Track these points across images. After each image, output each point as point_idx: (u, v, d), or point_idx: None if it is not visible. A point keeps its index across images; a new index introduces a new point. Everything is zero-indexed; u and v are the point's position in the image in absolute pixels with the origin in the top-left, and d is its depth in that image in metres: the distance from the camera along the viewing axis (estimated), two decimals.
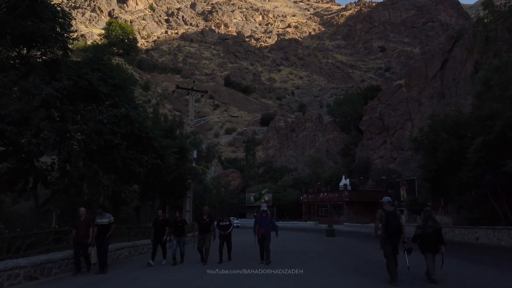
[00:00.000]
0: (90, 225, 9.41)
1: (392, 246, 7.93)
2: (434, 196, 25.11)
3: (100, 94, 11.83)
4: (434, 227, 8.22)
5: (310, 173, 62.97)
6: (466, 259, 13.71)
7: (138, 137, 12.24)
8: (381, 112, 56.59)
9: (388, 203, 8.19)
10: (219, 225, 11.77)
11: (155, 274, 9.77)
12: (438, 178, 22.83)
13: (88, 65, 12.02)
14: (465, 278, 9.14)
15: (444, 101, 48.18)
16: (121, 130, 11.08)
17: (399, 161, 51.42)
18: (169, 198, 21.14)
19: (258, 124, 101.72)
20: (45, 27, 10.46)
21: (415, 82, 53.63)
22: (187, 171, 20.52)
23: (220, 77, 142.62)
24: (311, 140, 75.20)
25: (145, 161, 12.06)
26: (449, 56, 51.49)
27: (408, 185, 36.60)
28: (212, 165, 78.76)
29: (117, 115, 11.04)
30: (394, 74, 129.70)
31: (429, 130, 23.40)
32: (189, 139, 22.55)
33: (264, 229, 10.99)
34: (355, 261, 12.25)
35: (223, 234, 11.64)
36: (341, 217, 48.12)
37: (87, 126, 10.39)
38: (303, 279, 8.83)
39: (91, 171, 10.85)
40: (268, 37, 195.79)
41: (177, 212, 12.19)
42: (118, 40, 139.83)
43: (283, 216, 57.17)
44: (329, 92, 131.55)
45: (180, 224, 11.72)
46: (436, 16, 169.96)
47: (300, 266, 10.82)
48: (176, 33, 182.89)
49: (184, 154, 19.33)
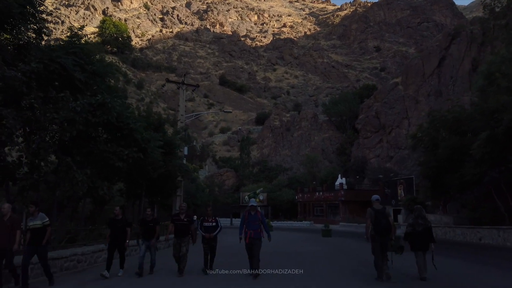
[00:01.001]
0: (17, 227, 7.34)
1: (381, 243, 8.03)
2: (434, 195, 24.21)
3: (76, 81, 10.72)
4: (424, 225, 8.25)
5: (305, 173, 62.08)
6: (468, 259, 12.94)
7: (118, 129, 11.13)
8: (377, 111, 55.80)
9: (377, 201, 8.30)
10: (203, 226, 9.46)
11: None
12: (439, 176, 21.93)
13: (63, 49, 10.91)
14: (461, 278, 8.84)
15: (441, 99, 47.48)
16: (97, 120, 9.96)
17: (396, 160, 50.64)
18: (157, 197, 20.02)
19: (253, 123, 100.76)
20: (11, 2, 9.33)
21: (412, 80, 52.89)
22: (176, 168, 19.42)
23: (215, 76, 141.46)
24: (307, 139, 74.35)
25: (125, 154, 10.91)
26: (447, 54, 50.82)
27: (406, 184, 35.73)
28: (207, 164, 77.62)
29: (92, 103, 9.94)
30: (389, 74, 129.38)
31: (429, 127, 22.50)
32: (179, 135, 21.46)
33: (253, 231, 8.66)
34: (352, 262, 11.40)
35: (207, 237, 9.35)
36: (337, 216, 47.19)
37: (58, 115, 9.28)
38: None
39: (63, 165, 9.74)
40: (263, 37, 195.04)
41: (147, 209, 9.85)
42: (112, 38, 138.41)
43: (278, 216, 56.19)
44: (325, 92, 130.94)
45: (151, 224, 9.41)
46: (431, 16, 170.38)
47: (297, 266, 9.93)
48: (171, 32, 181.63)
49: (172, 150, 18.24)
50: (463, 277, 9.06)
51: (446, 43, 51.84)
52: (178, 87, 23.44)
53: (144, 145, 11.84)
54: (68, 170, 9.72)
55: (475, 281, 8.57)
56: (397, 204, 36.34)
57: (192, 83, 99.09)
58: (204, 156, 78.23)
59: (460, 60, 49.36)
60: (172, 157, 18.17)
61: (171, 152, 18.21)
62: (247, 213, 8.95)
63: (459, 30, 51.70)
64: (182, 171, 20.38)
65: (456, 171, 20.07)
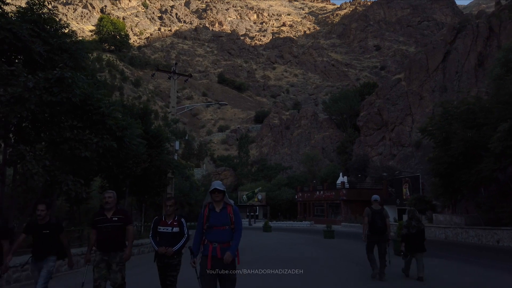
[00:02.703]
0: None
1: (375, 242, 8.27)
2: (445, 193, 22.39)
3: (35, 54, 8.95)
4: (417, 227, 8.31)
5: (305, 171, 60.36)
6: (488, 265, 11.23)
7: (86, 113, 9.36)
8: (379, 107, 54.05)
9: (376, 202, 8.43)
10: (158, 231, 5.44)
11: None
12: (451, 173, 20.15)
13: (21, 16, 9.14)
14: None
15: (446, 95, 45.75)
16: (54, 99, 8.16)
17: (399, 158, 48.89)
18: (143, 195, 18.23)
19: (252, 122, 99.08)
20: None
21: (415, 75, 51.13)
22: (165, 164, 17.65)
23: (213, 74, 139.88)
24: (306, 137, 72.67)
25: (93, 143, 9.13)
26: (451, 48, 49.07)
27: (411, 182, 33.93)
28: (204, 163, 75.86)
29: (49, 78, 8.16)
30: (389, 73, 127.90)
31: (441, 119, 20.70)
32: (170, 128, 19.68)
33: (219, 243, 4.41)
34: (365, 272, 9.59)
35: (161, 252, 5.26)
36: (338, 216, 45.45)
37: (5, 91, 7.52)
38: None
39: (15, 155, 7.98)
40: (262, 36, 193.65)
41: (39, 205, 5.43)
42: (110, 36, 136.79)
43: (277, 216, 54.44)
44: (324, 90, 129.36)
45: (47, 232, 5.38)
46: (431, 15, 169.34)
47: (298, 282, 8.08)
48: (169, 31, 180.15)
49: (160, 143, 16.46)
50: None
51: (451, 37, 50.11)
52: (169, 76, 21.67)
53: (119, 133, 10.05)
54: (21, 160, 7.98)
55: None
56: (402, 203, 34.58)
57: (191, 81, 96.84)
58: (201, 154, 76.45)
59: (465, 55, 47.62)
60: (159, 151, 16.39)
61: (159, 146, 16.44)
62: (206, 210, 4.57)
63: (464, 24, 49.97)
64: (172, 167, 18.62)
65: (471, 167, 18.33)
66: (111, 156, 12.05)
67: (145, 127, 15.02)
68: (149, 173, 16.73)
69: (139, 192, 17.31)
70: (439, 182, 21.80)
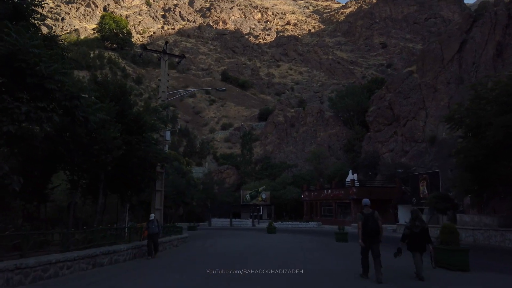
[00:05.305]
0: None
1: (371, 247, 8.44)
2: (477, 190, 19.44)
3: None
4: (421, 226, 8.65)
5: (311, 169, 57.47)
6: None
7: (16, 73, 6.65)
8: (390, 101, 51.04)
9: (366, 206, 8.68)
10: None
11: None
12: (485, 166, 17.25)
13: None
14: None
15: (462, 87, 42.71)
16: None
17: (412, 154, 45.87)
18: (126, 192, 15.50)
19: (256, 120, 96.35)
20: None
21: (429, 66, 48.07)
22: (151, 155, 14.93)
23: (217, 72, 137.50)
24: (312, 135, 69.78)
25: (22, 113, 6.41)
26: (468, 37, 45.98)
27: (430, 179, 30.89)
28: (206, 161, 73.24)
29: None
30: (395, 70, 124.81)
31: (472, 104, 17.78)
32: (158, 114, 16.93)
33: None
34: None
35: None
36: (348, 217, 42.50)
37: None
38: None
39: None
40: (267, 34, 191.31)
41: None
42: (112, 34, 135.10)
43: (282, 216, 51.58)
44: (330, 88, 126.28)
45: None
46: (438, 12, 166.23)
47: None
48: (172, 29, 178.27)
49: (141, 128, 13.73)
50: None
51: (467, 25, 47.02)
52: (159, 57, 19.02)
53: (66, 102, 7.32)
54: None
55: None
56: (419, 202, 31.61)
57: (194, 79, 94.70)
58: (203, 153, 73.84)
59: (483, 44, 44.53)
60: (141, 139, 13.66)
61: (140, 132, 13.73)
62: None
63: (481, 12, 46.85)
64: (160, 159, 15.92)
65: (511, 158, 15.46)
66: (72, 141, 9.39)
67: (122, 107, 12.32)
68: (131, 165, 14.05)
69: (118, 188, 14.59)
70: (469, 177, 18.85)
